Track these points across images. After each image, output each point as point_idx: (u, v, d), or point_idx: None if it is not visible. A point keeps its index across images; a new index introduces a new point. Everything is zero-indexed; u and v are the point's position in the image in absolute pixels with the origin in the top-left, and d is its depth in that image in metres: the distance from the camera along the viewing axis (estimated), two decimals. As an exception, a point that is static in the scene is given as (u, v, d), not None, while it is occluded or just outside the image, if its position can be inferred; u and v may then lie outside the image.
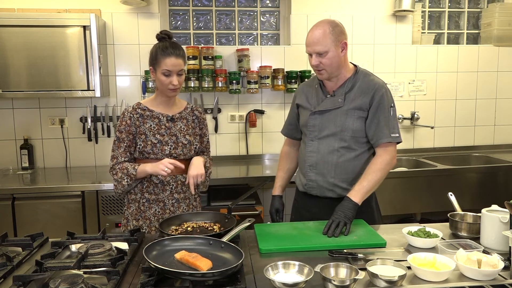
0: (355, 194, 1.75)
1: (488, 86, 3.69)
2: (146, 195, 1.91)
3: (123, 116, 1.89)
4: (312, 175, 1.92)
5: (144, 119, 1.89)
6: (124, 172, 1.84)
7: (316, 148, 1.91)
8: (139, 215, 1.92)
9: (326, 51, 1.78)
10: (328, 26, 1.79)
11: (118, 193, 1.90)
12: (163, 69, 1.81)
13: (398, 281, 1.23)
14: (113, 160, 1.88)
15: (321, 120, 1.90)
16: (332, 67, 1.82)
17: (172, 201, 1.93)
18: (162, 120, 1.91)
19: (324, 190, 1.91)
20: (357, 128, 1.85)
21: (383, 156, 1.82)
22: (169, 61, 1.81)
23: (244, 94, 3.39)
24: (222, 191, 2.99)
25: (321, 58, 1.79)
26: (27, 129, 3.21)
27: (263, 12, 3.61)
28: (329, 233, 1.62)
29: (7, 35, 2.77)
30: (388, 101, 1.85)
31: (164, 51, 1.82)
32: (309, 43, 1.82)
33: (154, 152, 1.87)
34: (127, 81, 3.28)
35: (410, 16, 3.50)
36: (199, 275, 1.19)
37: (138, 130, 1.88)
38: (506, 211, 1.48)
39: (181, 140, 1.92)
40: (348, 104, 1.86)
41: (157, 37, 1.90)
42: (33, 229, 2.02)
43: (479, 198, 3.03)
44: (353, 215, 1.70)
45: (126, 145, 1.87)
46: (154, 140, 1.87)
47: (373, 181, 1.78)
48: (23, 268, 1.39)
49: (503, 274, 1.30)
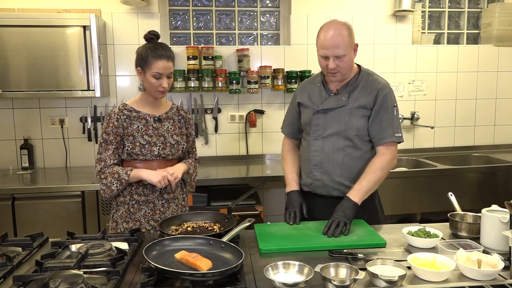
0: (355, 193, 1.75)
1: (488, 86, 3.69)
2: (136, 197, 1.89)
3: (109, 118, 1.85)
4: (317, 174, 1.92)
5: (131, 120, 1.86)
6: (115, 177, 1.80)
7: (321, 147, 1.91)
8: (128, 217, 1.90)
9: (345, 55, 1.78)
10: (346, 30, 1.78)
11: (106, 197, 1.86)
12: (154, 72, 1.79)
13: (398, 281, 1.23)
14: (101, 163, 1.83)
15: (325, 119, 1.90)
16: (347, 69, 1.83)
17: (162, 201, 1.92)
18: (149, 121, 1.89)
19: (330, 189, 1.92)
20: (361, 127, 1.86)
21: (384, 156, 1.82)
22: (160, 63, 1.79)
23: (244, 94, 3.39)
24: (222, 191, 2.99)
25: (338, 61, 1.78)
26: (27, 129, 3.21)
27: (263, 12, 3.61)
28: (329, 233, 1.63)
29: (7, 35, 2.77)
30: (391, 100, 1.86)
31: (155, 53, 1.79)
32: (328, 46, 1.77)
33: (143, 153, 1.85)
34: (127, 81, 3.28)
35: (410, 16, 3.50)
36: (199, 275, 1.19)
37: (126, 132, 1.85)
38: (506, 211, 1.48)
39: (169, 140, 1.91)
40: (352, 102, 1.86)
41: (145, 37, 1.87)
42: (33, 229, 2.02)
43: (479, 198, 3.03)
44: (352, 214, 1.70)
45: (114, 147, 1.84)
46: (142, 141, 1.85)
47: (373, 180, 1.78)
48: (23, 268, 1.39)
49: (503, 274, 1.30)
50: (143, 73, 1.84)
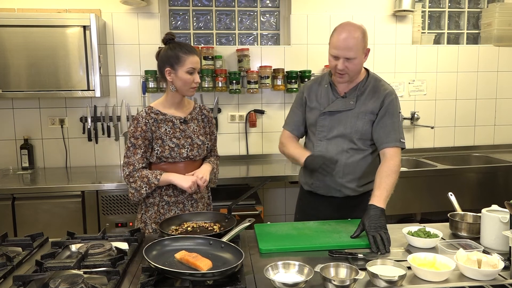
0: (378, 200, 1.68)
1: (488, 86, 3.69)
2: (166, 198, 1.90)
3: (137, 122, 1.85)
4: (320, 175, 1.91)
5: (158, 123, 1.87)
6: (145, 181, 1.81)
7: (325, 148, 1.91)
8: (158, 218, 1.90)
9: (356, 58, 1.78)
10: (360, 33, 1.78)
11: (135, 200, 1.87)
12: (189, 67, 1.82)
13: (398, 281, 1.23)
14: (129, 167, 1.83)
15: (331, 121, 1.90)
16: (355, 72, 1.84)
17: (191, 201, 1.94)
18: (176, 123, 1.90)
19: (331, 190, 1.92)
20: (365, 131, 1.87)
21: (395, 159, 1.82)
22: (193, 58, 1.83)
23: (244, 94, 3.39)
24: (222, 191, 2.98)
25: (348, 63, 1.79)
26: (27, 129, 3.21)
27: (263, 12, 3.61)
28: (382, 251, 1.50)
29: (7, 35, 2.77)
30: (396, 107, 1.88)
31: (185, 49, 1.83)
32: (341, 47, 1.77)
33: (172, 156, 1.86)
34: (127, 81, 3.27)
35: (410, 16, 3.50)
36: (199, 275, 1.19)
37: (154, 135, 1.86)
38: (506, 211, 1.48)
39: (195, 142, 1.92)
40: (359, 107, 1.87)
41: (164, 39, 1.89)
42: (33, 229, 2.01)
43: (479, 198, 3.03)
44: (385, 221, 1.62)
45: (142, 151, 1.84)
46: (171, 144, 1.86)
47: (391, 184, 1.75)
48: (23, 268, 1.39)
49: (503, 274, 1.30)
50: (173, 72, 1.84)
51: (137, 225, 1.96)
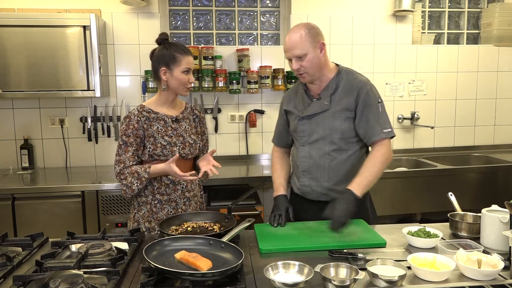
0: (356, 186, 1.70)
1: (488, 86, 3.69)
2: (158, 196, 1.90)
3: (129, 120, 1.86)
4: (305, 180, 1.92)
5: (150, 121, 1.88)
6: (135, 176, 1.81)
7: (308, 153, 1.91)
8: (151, 217, 1.91)
9: (305, 54, 1.77)
10: (304, 29, 1.78)
11: (127, 197, 1.89)
12: (185, 67, 1.84)
13: (398, 281, 1.23)
14: (120, 164, 1.84)
15: (310, 125, 1.89)
16: (313, 69, 1.81)
17: (183, 200, 1.94)
18: (168, 122, 1.91)
19: (318, 194, 1.91)
20: (345, 129, 1.84)
21: (381, 150, 1.81)
22: (189, 59, 1.86)
23: (244, 94, 3.39)
24: (222, 191, 2.99)
25: (300, 61, 1.78)
26: (27, 129, 3.21)
27: (263, 12, 3.61)
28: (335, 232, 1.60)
29: (7, 35, 2.77)
30: (374, 97, 1.84)
31: (181, 49, 1.86)
32: (287, 48, 1.80)
33: (164, 154, 1.87)
34: (127, 81, 3.28)
35: (410, 16, 3.50)
36: (199, 275, 1.19)
37: (146, 133, 1.86)
38: (506, 211, 1.48)
39: (187, 140, 1.93)
40: (334, 106, 1.85)
41: (158, 40, 1.91)
42: (33, 229, 2.02)
43: (479, 198, 3.03)
44: (354, 207, 1.65)
45: (134, 149, 1.84)
46: (163, 142, 1.87)
47: (374, 173, 1.75)
48: (23, 268, 1.39)
49: (503, 274, 1.30)
50: (169, 72, 1.85)
51: (130, 225, 1.96)
